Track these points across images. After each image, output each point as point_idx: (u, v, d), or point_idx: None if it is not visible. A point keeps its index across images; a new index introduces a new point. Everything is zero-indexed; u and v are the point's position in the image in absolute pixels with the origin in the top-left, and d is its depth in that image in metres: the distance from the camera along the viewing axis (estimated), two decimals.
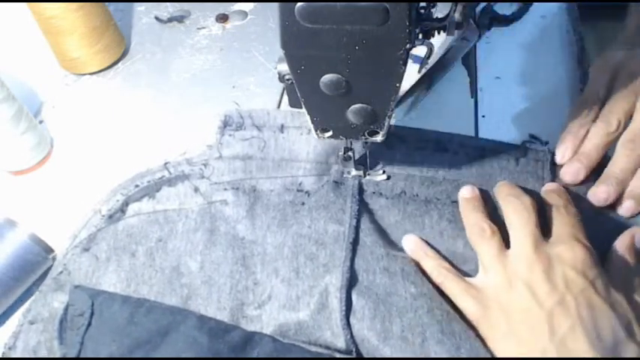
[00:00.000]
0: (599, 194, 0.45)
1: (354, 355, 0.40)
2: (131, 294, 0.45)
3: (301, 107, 0.42)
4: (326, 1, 0.32)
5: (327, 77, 0.37)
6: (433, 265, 0.43)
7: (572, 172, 0.46)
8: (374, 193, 0.49)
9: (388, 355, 0.38)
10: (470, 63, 0.60)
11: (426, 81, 0.58)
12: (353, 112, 0.40)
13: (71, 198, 0.53)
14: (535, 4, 0.65)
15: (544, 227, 0.42)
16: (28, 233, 0.47)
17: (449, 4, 0.38)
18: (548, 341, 0.36)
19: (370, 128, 0.42)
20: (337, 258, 0.44)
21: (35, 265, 0.47)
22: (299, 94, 0.40)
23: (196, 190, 0.51)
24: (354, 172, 0.50)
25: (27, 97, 0.61)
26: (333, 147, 0.52)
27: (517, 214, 0.42)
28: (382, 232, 0.47)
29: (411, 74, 0.48)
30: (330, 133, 0.44)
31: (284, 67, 0.39)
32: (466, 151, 0.51)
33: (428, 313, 0.39)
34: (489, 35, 0.63)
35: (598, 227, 0.44)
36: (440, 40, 0.61)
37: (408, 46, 0.34)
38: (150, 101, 0.62)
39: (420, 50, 0.38)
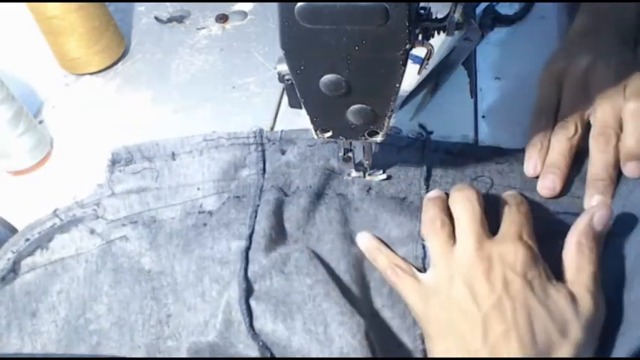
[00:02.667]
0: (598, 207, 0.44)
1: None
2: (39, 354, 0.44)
3: (301, 107, 0.42)
4: (326, 1, 0.32)
5: (326, 77, 0.37)
6: (386, 264, 0.43)
7: (547, 185, 0.46)
8: (276, 198, 0.48)
9: (297, 349, 0.38)
10: (469, 63, 0.60)
11: (433, 82, 0.58)
12: (353, 112, 0.40)
13: (71, 198, 0.53)
14: (535, 4, 0.65)
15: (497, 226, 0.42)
16: None
17: (449, 5, 0.38)
18: (481, 344, 0.35)
19: (370, 129, 0.42)
20: (239, 268, 0.44)
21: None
22: (299, 95, 0.40)
23: (92, 231, 0.49)
24: (354, 174, 0.50)
25: (27, 97, 0.61)
26: (229, 163, 0.52)
27: (463, 210, 0.42)
28: (279, 231, 0.47)
29: (412, 75, 0.48)
30: (330, 134, 0.44)
31: (284, 68, 0.38)
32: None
33: (326, 297, 0.39)
34: (490, 35, 0.63)
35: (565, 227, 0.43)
36: (441, 40, 0.61)
37: (407, 46, 0.34)
38: (150, 101, 0.62)
39: (420, 51, 0.38)
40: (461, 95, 0.58)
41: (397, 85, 0.37)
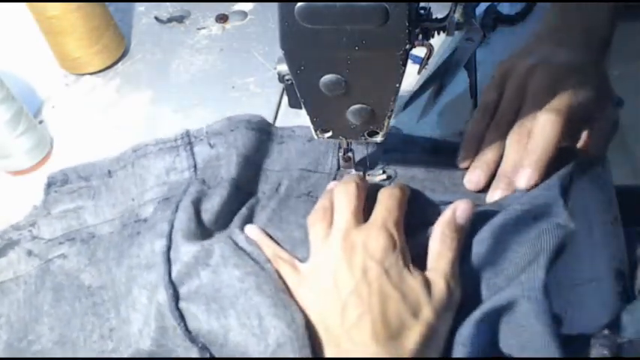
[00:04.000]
0: (493, 198, 0.46)
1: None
2: None
3: (301, 107, 0.42)
4: (326, 1, 0.32)
5: (326, 77, 0.37)
6: (271, 254, 0.43)
7: (472, 179, 0.48)
8: (198, 191, 0.47)
9: (234, 345, 0.38)
10: (470, 63, 0.60)
11: (437, 83, 0.58)
12: (352, 112, 0.40)
13: None
14: (536, 4, 0.65)
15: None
16: None
17: (449, 4, 0.38)
18: (339, 328, 0.37)
19: (370, 129, 0.42)
20: (162, 272, 0.42)
21: None
22: (298, 95, 0.40)
23: (30, 253, 0.48)
24: (354, 173, 0.50)
25: (27, 97, 0.61)
26: (160, 169, 0.51)
27: (339, 200, 0.43)
28: (199, 221, 0.45)
29: (412, 75, 0.48)
30: (330, 134, 0.44)
31: (284, 68, 0.38)
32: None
33: (257, 290, 0.39)
34: (489, 36, 0.63)
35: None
36: (441, 40, 0.61)
37: (407, 46, 0.34)
38: (150, 101, 0.62)
39: (420, 51, 0.38)
40: (461, 95, 0.58)
41: (397, 85, 0.37)
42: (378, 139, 0.43)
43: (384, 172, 0.50)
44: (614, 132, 0.48)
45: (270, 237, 0.45)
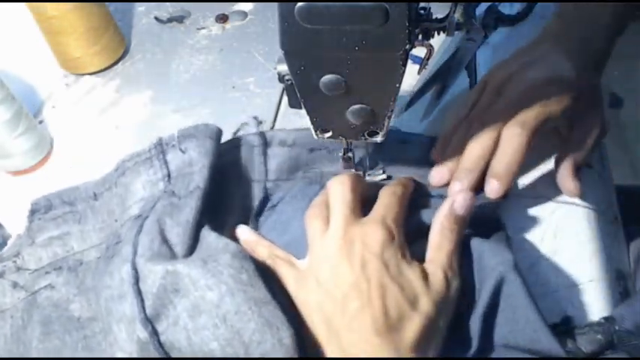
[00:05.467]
0: (452, 190, 0.46)
1: None
2: None
3: (301, 107, 0.42)
4: (326, 1, 0.32)
5: (326, 78, 0.37)
6: (266, 254, 0.43)
7: (435, 175, 0.49)
8: (165, 205, 0.44)
9: None
10: (470, 63, 0.60)
11: (439, 84, 0.58)
12: (352, 112, 0.40)
13: None
14: (536, 4, 0.65)
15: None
16: None
17: (449, 5, 0.38)
18: (340, 319, 0.38)
19: (370, 129, 0.42)
20: (135, 306, 0.38)
21: None
22: (298, 95, 0.40)
23: (15, 285, 0.46)
24: (354, 172, 0.50)
25: (27, 97, 0.61)
26: (138, 184, 0.47)
27: (334, 195, 0.43)
28: (163, 241, 0.42)
29: (412, 75, 0.48)
30: (329, 134, 0.44)
31: (284, 68, 0.38)
32: None
33: (237, 315, 0.36)
34: (490, 36, 0.63)
35: None
36: (441, 40, 0.61)
37: (407, 46, 0.34)
38: (150, 101, 0.62)
39: (420, 51, 0.38)
40: (461, 95, 0.58)
41: (397, 85, 0.37)
42: (378, 139, 0.43)
43: (383, 172, 0.50)
44: (601, 138, 0.48)
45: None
